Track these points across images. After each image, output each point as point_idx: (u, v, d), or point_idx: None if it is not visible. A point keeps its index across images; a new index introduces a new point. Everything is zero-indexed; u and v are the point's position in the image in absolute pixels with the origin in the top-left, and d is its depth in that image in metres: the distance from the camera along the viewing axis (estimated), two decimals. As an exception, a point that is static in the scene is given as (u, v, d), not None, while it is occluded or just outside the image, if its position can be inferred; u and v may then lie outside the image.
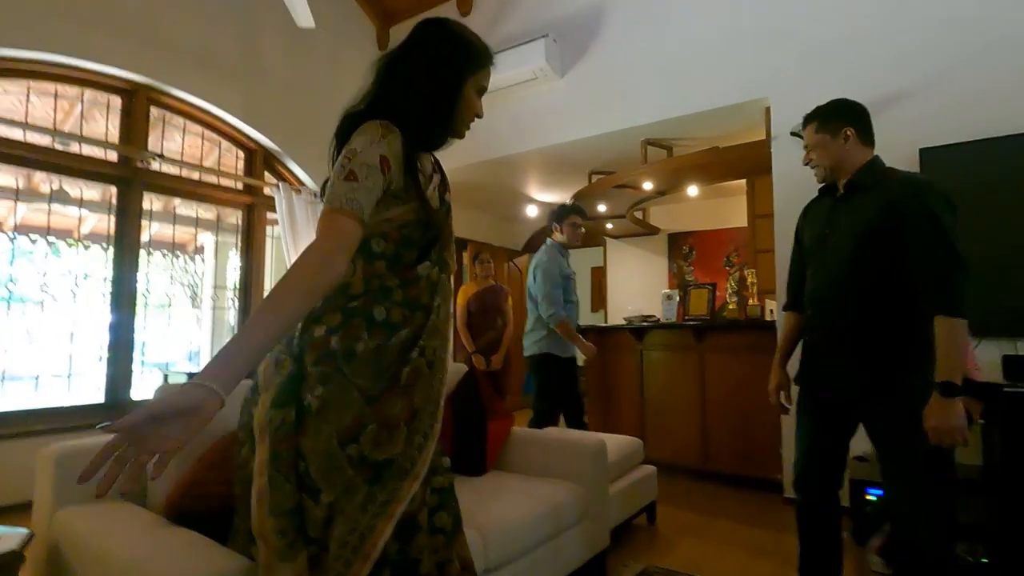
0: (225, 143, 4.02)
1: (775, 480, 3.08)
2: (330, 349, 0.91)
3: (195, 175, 3.82)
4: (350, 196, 0.89)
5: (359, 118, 0.98)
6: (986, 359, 2.46)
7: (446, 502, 1.01)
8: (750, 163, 3.54)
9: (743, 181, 4.10)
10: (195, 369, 4.03)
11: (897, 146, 2.80)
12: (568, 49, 4.04)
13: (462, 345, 4.16)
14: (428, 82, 1.02)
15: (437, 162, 1.11)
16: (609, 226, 5.61)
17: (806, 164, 1.75)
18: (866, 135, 1.68)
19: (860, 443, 2.76)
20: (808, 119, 1.78)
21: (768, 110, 3.27)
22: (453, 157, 5.14)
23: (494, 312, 4.14)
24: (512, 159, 4.46)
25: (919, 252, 1.47)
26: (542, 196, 5.76)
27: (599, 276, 6.86)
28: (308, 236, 4.02)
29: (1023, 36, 2.58)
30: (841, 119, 1.69)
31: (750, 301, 3.77)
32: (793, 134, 3.12)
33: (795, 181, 3.06)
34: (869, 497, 2.40)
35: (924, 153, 2.69)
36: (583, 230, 3.21)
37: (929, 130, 2.73)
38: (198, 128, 3.86)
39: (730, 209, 5.25)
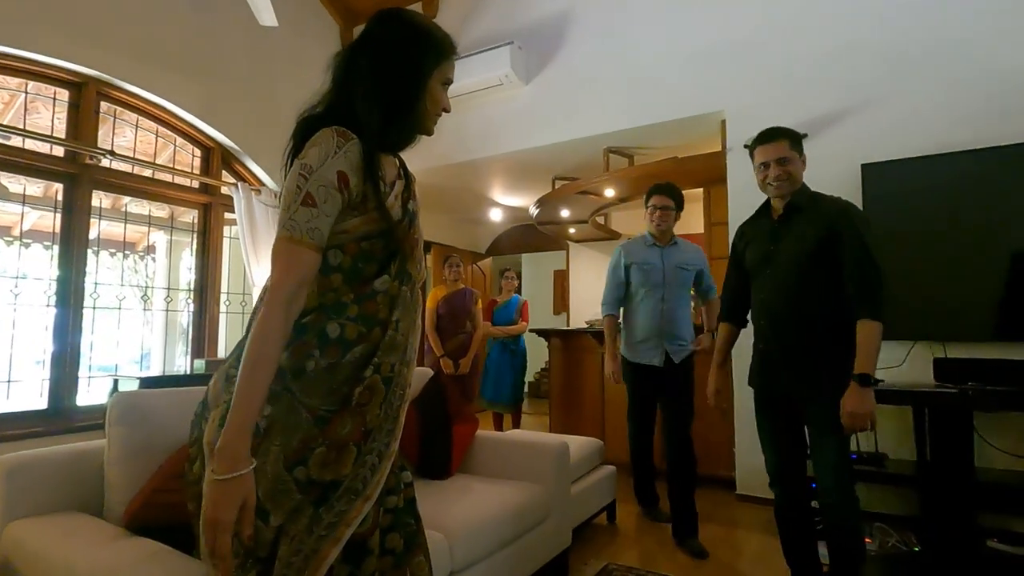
0: (180, 140, 3.89)
1: (728, 478, 3.21)
2: (279, 367, 0.86)
3: (148, 172, 3.69)
4: (312, 225, 0.86)
5: (316, 121, 0.93)
6: (919, 361, 2.65)
7: (399, 522, 0.95)
8: (707, 173, 3.68)
9: (700, 190, 4.25)
10: (145, 374, 3.88)
11: (841, 161, 2.99)
12: (533, 56, 4.10)
13: (430, 348, 4.14)
14: (389, 77, 0.96)
15: (403, 165, 1.07)
16: (572, 231, 5.71)
17: (776, 177, 1.82)
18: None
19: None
20: (780, 134, 1.87)
21: (724, 123, 3.41)
22: (417, 160, 5.16)
23: (463, 315, 4.16)
24: (477, 163, 4.49)
25: (851, 268, 1.69)
26: (506, 200, 5.81)
27: (561, 279, 6.96)
28: (268, 237, 3.94)
29: (956, 64, 2.78)
30: (799, 144, 1.87)
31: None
32: (746, 147, 3.26)
33: (749, 191, 3.18)
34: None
35: (865, 168, 2.87)
36: (661, 211, 2.71)
37: (870, 147, 2.91)
38: (151, 124, 3.72)
39: (687, 216, 5.39)
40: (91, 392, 3.36)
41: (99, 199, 3.44)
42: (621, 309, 2.83)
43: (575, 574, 2.24)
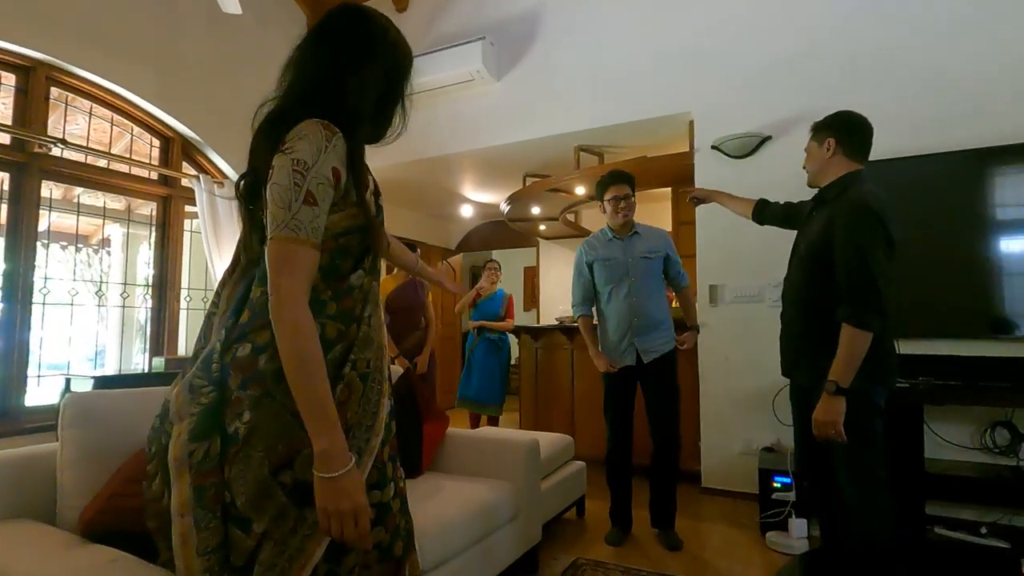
0: (137, 129, 3.74)
1: (694, 471, 3.28)
2: (258, 370, 0.85)
3: (102, 162, 3.53)
4: (315, 224, 0.85)
5: (294, 111, 0.91)
6: (874, 358, 2.75)
7: (383, 517, 0.93)
8: (675, 173, 3.75)
9: (668, 189, 4.32)
10: (100, 373, 3.73)
11: (801, 163, 3.07)
12: (505, 53, 4.09)
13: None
14: (382, 82, 0.99)
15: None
16: (542, 227, 5.73)
17: (804, 169, 1.89)
18: (850, 148, 1.75)
19: (768, 435, 3.01)
20: (812, 127, 1.90)
21: (692, 124, 3.47)
22: (387, 154, 5.05)
23: (416, 309, 3.76)
24: (447, 159, 4.46)
25: (840, 273, 1.63)
26: (477, 196, 5.78)
27: (532, 276, 6.98)
28: (231, 232, 3.83)
29: (918, 70, 2.90)
30: (828, 129, 1.80)
31: (673, 303, 3.98)
32: (714, 147, 3.34)
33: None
34: (775, 484, 2.62)
35: (826, 171, 2.96)
36: (624, 201, 2.57)
37: (830, 150, 3.01)
38: (106, 112, 3.57)
39: (656, 215, 5.49)
40: (41, 392, 3.21)
41: (49, 190, 3.28)
42: (594, 308, 2.72)
43: (545, 570, 2.26)
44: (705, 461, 3.25)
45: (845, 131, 1.78)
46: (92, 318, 3.89)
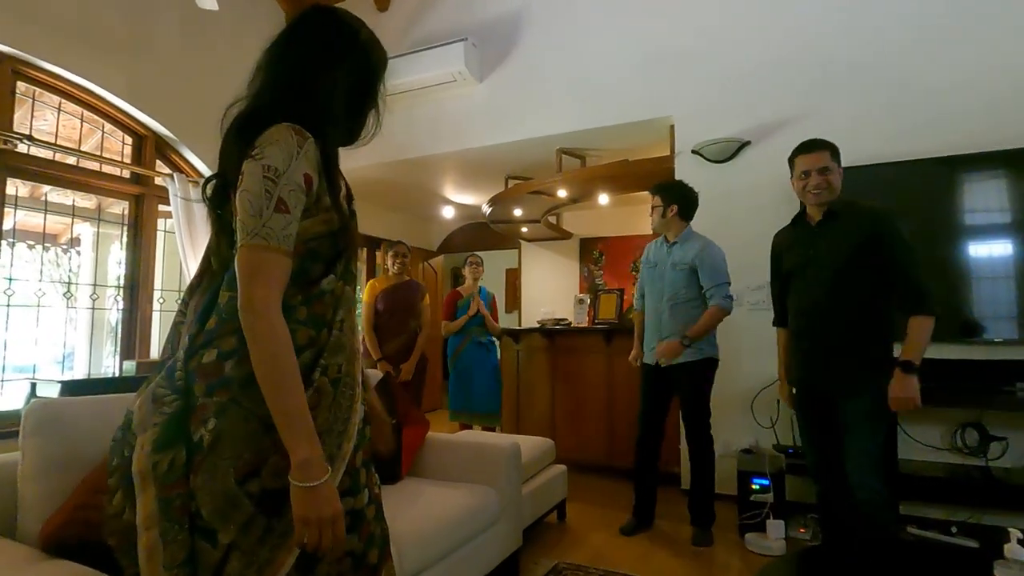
0: (109, 126, 3.64)
1: (674, 473, 3.30)
2: (224, 376, 0.83)
3: (71, 160, 3.43)
4: (287, 232, 0.84)
5: (265, 114, 0.89)
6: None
7: (356, 524, 0.91)
8: (656, 176, 3.74)
9: (649, 192, 4.35)
10: (68, 377, 3.62)
11: (780, 168, 3.10)
12: (487, 54, 4.07)
13: (366, 351, 3.57)
14: (354, 84, 0.98)
15: None
16: (524, 229, 5.71)
17: (817, 186, 1.94)
18: None
19: (747, 437, 3.04)
20: (823, 145, 1.99)
21: (672, 128, 3.50)
22: (366, 154, 4.99)
23: (405, 312, 3.59)
24: (429, 160, 4.42)
25: (899, 269, 1.82)
26: (459, 198, 5.76)
27: (514, 278, 6.97)
28: (207, 232, 3.73)
29: (889, 78, 2.96)
30: (838, 157, 1.98)
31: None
32: (694, 152, 3.37)
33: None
34: (753, 486, 2.64)
35: (803, 176, 3.01)
36: (655, 210, 2.77)
37: (807, 156, 3.05)
38: (76, 108, 3.46)
39: (638, 217, 5.53)
40: (5, 397, 3.10)
41: (15, 187, 3.17)
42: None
43: (525, 574, 2.24)
44: (685, 463, 3.27)
45: (839, 153, 2.00)
46: (60, 320, 3.77)
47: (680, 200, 2.71)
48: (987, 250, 2.73)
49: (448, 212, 6.29)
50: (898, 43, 2.95)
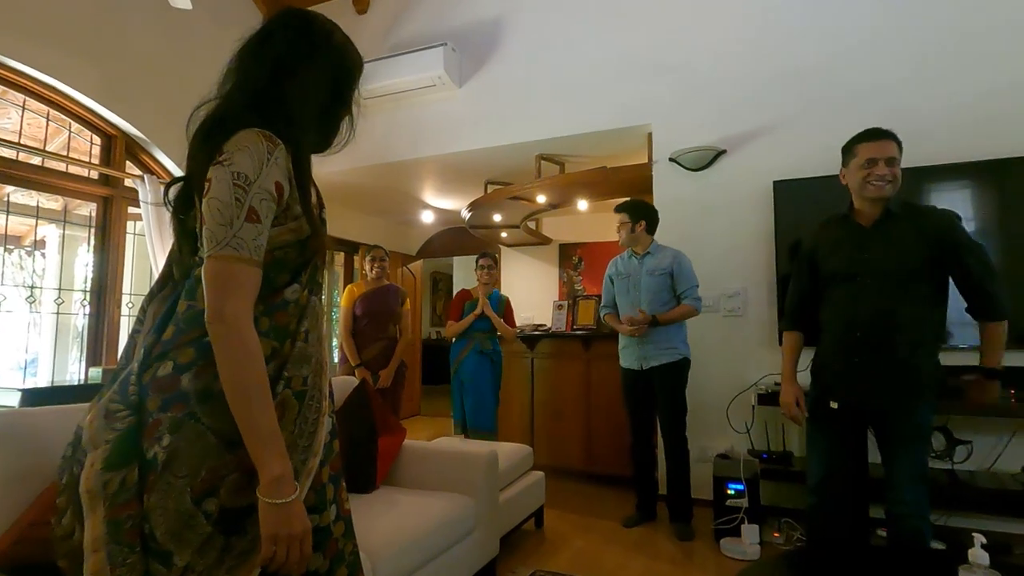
0: (76, 125, 3.54)
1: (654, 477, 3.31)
2: (180, 390, 0.80)
3: (36, 160, 3.32)
4: (258, 243, 0.81)
5: (233, 119, 0.86)
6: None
7: (322, 542, 0.89)
8: (634, 183, 3.79)
9: (628, 200, 4.38)
10: (31, 384, 3.49)
11: (755, 177, 3.18)
12: (467, 59, 4.07)
13: (344, 358, 3.54)
14: (327, 88, 0.96)
15: None
16: (503, 235, 5.72)
17: (882, 177, 1.75)
18: None
19: (723, 443, 3.07)
20: (890, 135, 1.81)
21: (650, 136, 3.54)
22: (344, 159, 4.94)
23: (386, 318, 3.55)
24: (408, 164, 4.40)
25: (977, 278, 1.73)
26: (438, 203, 5.73)
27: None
28: (178, 235, 3.65)
29: (861, 88, 3.03)
30: (901, 151, 1.81)
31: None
32: (671, 160, 3.41)
33: (673, 202, 3.34)
34: (728, 491, 2.67)
35: (776, 185, 3.06)
36: (620, 225, 2.99)
37: (781, 164, 3.11)
38: (42, 107, 3.36)
39: (616, 223, 5.58)
40: (-38, 405, 2.97)
41: (-25, 188, 3.06)
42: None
43: (502, 583, 2.23)
44: (661, 468, 3.28)
45: (901, 149, 1.88)
46: (23, 325, 3.64)
47: (646, 216, 2.95)
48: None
49: (428, 217, 6.26)
50: (871, 56, 3.03)
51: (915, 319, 1.75)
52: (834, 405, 1.86)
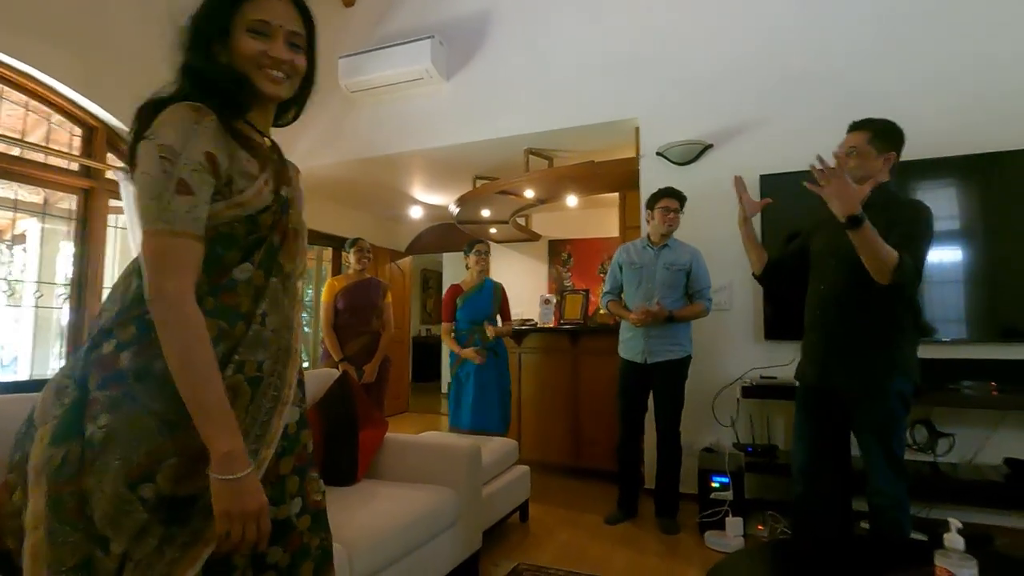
0: (57, 117, 3.48)
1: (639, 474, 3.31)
2: (119, 368, 0.78)
3: (15, 151, 3.26)
4: (193, 215, 0.78)
5: (169, 98, 0.85)
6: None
7: (281, 535, 0.86)
8: (622, 178, 3.79)
9: (616, 194, 4.38)
10: (11, 378, 3.44)
11: (742, 170, 3.12)
12: (455, 53, 4.04)
13: (326, 353, 3.46)
14: (194, 34, 0.90)
15: (277, 149, 0.98)
16: (493, 231, 5.70)
17: (839, 165, 1.73)
18: (895, 163, 1.83)
19: (708, 436, 3.07)
20: (862, 125, 1.83)
21: (637, 130, 3.53)
22: (331, 153, 4.91)
23: (368, 311, 3.48)
24: (396, 158, 4.36)
25: (894, 239, 1.63)
26: (426, 198, 5.70)
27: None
28: (161, 228, 3.60)
29: (847, 82, 3.03)
30: (891, 142, 1.81)
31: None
32: (658, 154, 3.40)
33: (659, 197, 3.33)
34: (713, 484, 2.66)
35: (763, 178, 3.07)
36: (671, 214, 2.81)
37: (769, 158, 3.11)
38: (20, 97, 3.30)
39: (605, 219, 5.58)
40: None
41: (-49, 178, 3.01)
42: (622, 295, 2.97)
43: (485, 576, 2.21)
44: (647, 462, 3.28)
45: (901, 148, 1.84)
46: (2, 319, 3.58)
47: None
48: (938, 255, 2.82)
49: (416, 212, 6.23)
50: (857, 48, 3.03)
51: (874, 305, 1.74)
52: (798, 383, 1.92)
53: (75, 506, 0.75)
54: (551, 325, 4.11)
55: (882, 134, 1.82)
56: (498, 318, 3.41)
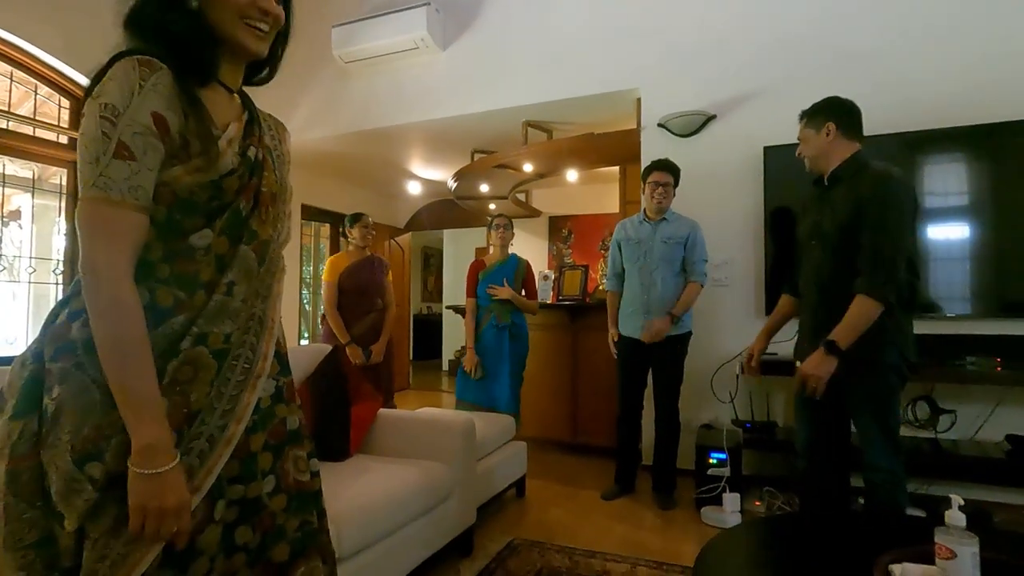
0: (44, 88, 3.40)
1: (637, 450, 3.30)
2: (70, 339, 0.74)
3: (2, 123, 3.20)
4: (133, 183, 0.72)
5: (125, 51, 0.77)
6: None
7: (249, 515, 0.81)
8: (622, 150, 3.70)
9: (617, 168, 4.29)
10: (11, 352, 3.42)
11: (746, 142, 3.09)
12: (451, 22, 3.92)
13: (328, 333, 3.34)
14: None
15: (251, 107, 0.91)
16: (492, 207, 5.63)
17: (798, 156, 1.89)
18: (849, 130, 1.81)
19: (707, 413, 3.04)
20: (801, 115, 1.90)
21: (639, 101, 3.43)
22: (324, 126, 4.80)
23: (373, 291, 3.39)
24: (392, 131, 4.27)
25: (868, 243, 1.65)
26: (424, 173, 5.61)
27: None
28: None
29: (852, 52, 2.92)
30: (823, 114, 1.83)
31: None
32: (660, 125, 3.31)
33: (660, 170, 3.24)
34: (711, 460, 2.65)
35: (767, 150, 2.98)
36: (662, 188, 2.75)
37: (773, 130, 3.01)
38: (5, 68, 3.22)
39: (605, 195, 5.49)
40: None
41: (-64, 151, 2.95)
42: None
43: (479, 551, 2.20)
44: (644, 439, 3.27)
45: (841, 114, 1.83)
46: (1, 296, 3.56)
47: (678, 181, 2.82)
48: (943, 231, 2.75)
49: (415, 188, 6.14)
50: (860, 19, 2.92)
51: (847, 280, 1.70)
52: (799, 363, 1.86)
53: (31, 481, 0.73)
54: (549, 301, 4.06)
55: (811, 113, 1.87)
56: (523, 293, 3.25)
